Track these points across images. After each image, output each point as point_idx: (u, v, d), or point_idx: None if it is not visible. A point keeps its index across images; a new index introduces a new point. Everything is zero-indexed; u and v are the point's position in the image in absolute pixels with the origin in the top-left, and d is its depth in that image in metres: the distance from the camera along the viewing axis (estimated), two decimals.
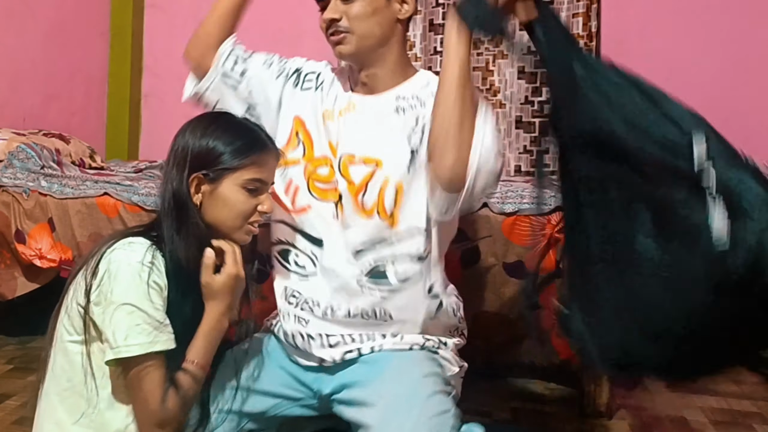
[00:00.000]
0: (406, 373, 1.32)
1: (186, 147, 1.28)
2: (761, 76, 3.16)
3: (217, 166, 1.26)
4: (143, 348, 1.15)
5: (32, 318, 2.39)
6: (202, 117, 1.33)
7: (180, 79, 4.12)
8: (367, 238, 1.35)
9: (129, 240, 1.23)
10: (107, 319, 1.15)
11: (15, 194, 2.29)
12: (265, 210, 1.29)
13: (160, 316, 1.17)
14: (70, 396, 1.20)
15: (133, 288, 1.16)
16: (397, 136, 1.36)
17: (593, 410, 1.96)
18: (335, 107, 1.43)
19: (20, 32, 3.11)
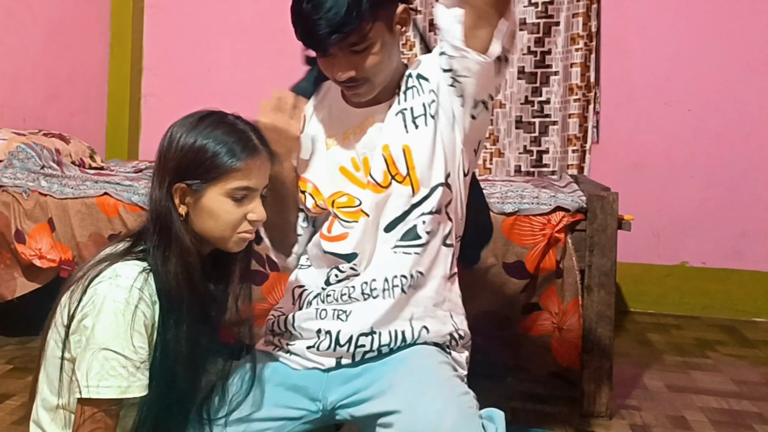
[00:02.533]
0: (422, 361, 1.32)
1: (171, 145, 1.21)
2: (761, 76, 3.16)
3: (203, 173, 1.17)
4: (116, 392, 1.10)
5: (32, 318, 2.40)
6: (191, 116, 1.25)
7: (180, 79, 4.13)
8: (393, 210, 1.34)
9: (116, 271, 1.15)
10: (85, 356, 1.11)
11: (15, 194, 2.29)
12: (255, 218, 1.20)
13: (139, 359, 1.12)
14: (59, 411, 1.17)
15: (115, 332, 1.10)
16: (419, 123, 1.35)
17: (593, 410, 1.96)
18: (346, 127, 1.40)
19: (20, 32, 3.11)
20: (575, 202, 1.96)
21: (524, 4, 3.32)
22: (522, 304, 1.99)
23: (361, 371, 1.34)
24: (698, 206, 3.23)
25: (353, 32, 1.23)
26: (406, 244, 1.35)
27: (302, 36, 1.26)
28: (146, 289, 1.14)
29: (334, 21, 1.21)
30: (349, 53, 1.25)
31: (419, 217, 1.34)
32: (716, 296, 3.20)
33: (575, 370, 1.98)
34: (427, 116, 1.34)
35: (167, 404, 1.17)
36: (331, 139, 1.41)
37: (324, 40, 1.23)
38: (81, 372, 1.11)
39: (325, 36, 1.23)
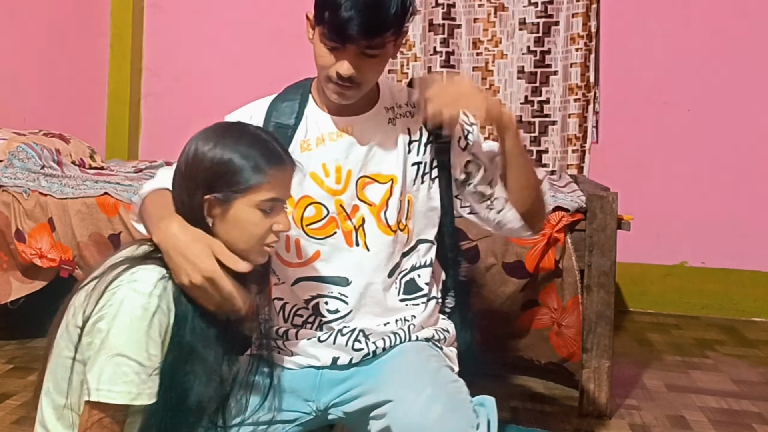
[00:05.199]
0: (412, 355, 1.34)
1: (197, 158, 1.19)
2: (761, 76, 3.16)
3: (231, 186, 1.17)
4: (126, 398, 1.10)
5: (32, 318, 2.40)
6: (214, 127, 1.24)
7: (180, 79, 4.14)
8: (395, 256, 1.37)
9: (134, 276, 1.14)
10: (97, 359, 1.10)
11: (15, 194, 2.29)
12: (281, 229, 1.19)
13: (152, 366, 1.11)
14: (67, 412, 1.16)
15: (130, 338, 1.10)
16: (399, 148, 1.38)
17: (593, 410, 1.96)
18: (321, 133, 1.39)
19: (20, 32, 3.11)
20: (575, 202, 1.97)
21: (524, 4, 3.32)
22: (521, 302, 2.00)
23: (353, 372, 1.35)
24: (698, 206, 3.23)
25: (381, 38, 1.25)
26: (411, 296, 1.40)
27: (330, 22, 1.24)
28: (164, 297, 1.13)
29: (375, 21, 1.23)
30: (361, 54, 1.26)
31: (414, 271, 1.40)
32: (716, 296, 3.20)
33: (574, 363, 1.98)
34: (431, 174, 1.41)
35: (174, 411, 1.16)
36: (305, 143, 1.40)
37: (352, 36, 1.23)
38: (93, 374, 1.10)
39: (357, 34, 1.23)
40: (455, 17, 3.38)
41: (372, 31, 1.23)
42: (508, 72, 3.36)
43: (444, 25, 3.36)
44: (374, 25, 1.23)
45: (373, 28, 1.23)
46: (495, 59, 3.37)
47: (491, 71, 3.37)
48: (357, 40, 1.24)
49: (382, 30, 1.24)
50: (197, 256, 1.14)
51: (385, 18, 1.23)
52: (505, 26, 3.35)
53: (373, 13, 1.22)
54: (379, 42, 1.25)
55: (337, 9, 1.23)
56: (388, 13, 1.23)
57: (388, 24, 1.24)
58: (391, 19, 1.24)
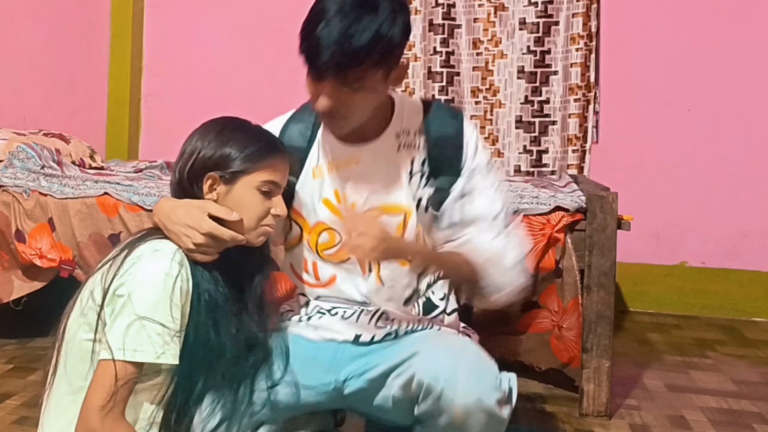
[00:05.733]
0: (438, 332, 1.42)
1: (196, 151, 1.28)
2: (761, 76, 3.16)
3: (235, 167, 1.26)
4: (151, 357, 1.15)
5: (32, 318, 2.40)
6: (212, 122, 1.32)
7: (180, 79, 4.14)
8: (413, 282, 1.40)
9: (154, 246, 1.21)
10: (120, 321, 1.15)
11: (15, 194, 2.29)
12: (278, 213, 1.29)
13: (174, 328, 1.17)
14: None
15: (154, 301, 1.15)
16: (404, 179, 1.38)
17: (593, 410, 1.96)
18: (332, 159, 1.41)
19: (20, 32, 3.11)
20: (575, 202, 1.97)
21: (524, 4, 3.32)
22: (521, 302, 1.99)
23: (374, 349, 1.38)
24: (698, 206, 3.23)
25: (353, 71, 1.22)
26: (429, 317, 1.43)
27: (305, 53, 1.24)
28: (183, 265, 1.21)
29: (340, 55, 1.20)
30: (339, 86, 1.24)
31: (428, 289, 1.42)
32: (716, 296, 3.20)
33: (575, 368, 1.98)
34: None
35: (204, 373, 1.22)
36: (318, 170, 1.42)
37: (322, 68, 1.22)
38: (115, 335, 1.15)
39: (326, 66, 1.21)
40: (455, 17, 3.38)
41: (340, 65, 1.20)
42: (508, 72, 3.35)
43: (444, 25, 3.36)
44: (342, 60, 1.20)
45: (342, 63, 1.20)
46: (495, 59, 3.37)
47: (491, 71, 3.37)
48: (327, 75, 1.22)
49: (352, 64, 1.20)
50: (193, 219, 1.22)
51: (354, 52, 1.19)
52: (505, 26, 3.35)
53: (340, 46, 1.19)
54: (354, 76, 1.22)
55: (308, 41, 1.22)
56: (357, 47, 1.19)
57: (358, 58, 1.20)
58: (360, 52, 1.19)
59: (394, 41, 1.23)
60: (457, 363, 1.25)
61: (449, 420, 1.24)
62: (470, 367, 1.25)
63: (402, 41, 1.26)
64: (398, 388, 1.29)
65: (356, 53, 1.20)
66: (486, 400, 1.22)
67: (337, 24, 1.19)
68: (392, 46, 1.24)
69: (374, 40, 1.20)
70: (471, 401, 1.22)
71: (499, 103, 3.36)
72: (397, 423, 1.42)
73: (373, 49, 1.21)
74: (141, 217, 2.14)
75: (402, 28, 1.24)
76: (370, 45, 1.20)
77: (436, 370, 1.24)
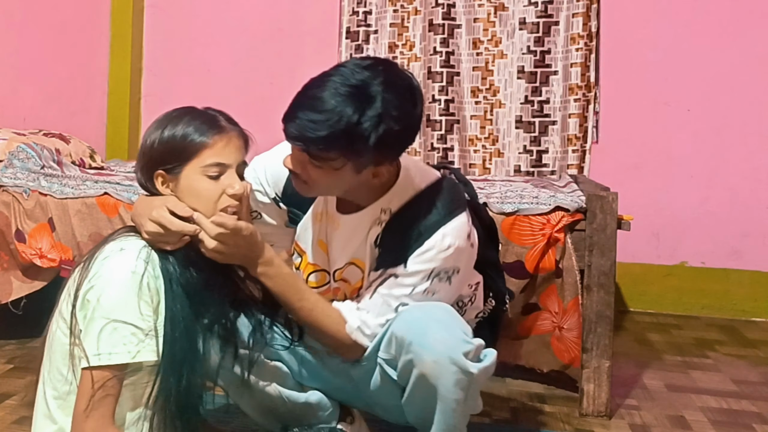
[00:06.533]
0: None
1: (141, 151, 1.29)
2: (761, 76, 3.16)
3: (176, 158, 1.24)
4: (126, 358, 1.14)
5: (32, 318, 2.40)
6: (164, 114, 1.32)
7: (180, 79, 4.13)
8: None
9: (120, 245, 1.21)
10: (93, 326, 1.14)
11: (15, 194, 2.29)
12: (235, 192, 1.25)
13: (147, 327, 1.16)
14: (71, 398, 1.18)
15: (123, 301, 1.15)
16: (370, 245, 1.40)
17: (593, 410, 1.96)
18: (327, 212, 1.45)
19: (20, 32, 3.11)
20: (575, 202, 1.97)
21: (524, 4, 3.32)
22: (522, 304, 1.99)
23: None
24: (698, 206, 3.23)
25: (313, 150, 1.23)
26: None
27: (285, 115, 1.27)
28: (150, 262, 1.20)
29: (306, 133, 1.21)
30: (305, 156, 1.26)
31: None
32: (716, 296, 3.20)
33: (576, 369, 1.98)
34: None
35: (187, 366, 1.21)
36: (319, 215, 1.46)
37: (287, 133, 1.25)
38: (89, 341, 1.14)
39: (293, 137, 1.24)
40: (455, 17, 3.38)
41: (305, 142, 1.22)
42: (508, 72, 3.35)
43: (444, 25, 3.36)
44: (307, 138, 1.21)
45: (302, 139, 1.22)
46: (495, 59, 3.36)
47: (491, 71, 3.37)
48: (290, 139, 1.25)
49: (315, 145, 1.21)
50: (148, 209, 1.25)
51: (314, 137, 1.20)
52: (505, 26, 3.35)
53: (306, 124, 1.20)
54: (314, 154, 1.23)
55: (294, 99, 1.24)
56: (320, 134, 1.19)
57: (316, 142, 1.20)
58: (320, 139, 1.20)
59: (362, 143, 1.21)
60: (427, 317, 1.30)
61: (421, 372, 1.28)
62: (439, 320, 1.30)
63: (375, 148, 1.22)
64: (382, 352, 1.36)
65: (317, 139, 1.20)
66: (454, 350, 1.26)
67: (320, 103, 1.20)
68: (359, 147, 1.21)
69: (341, 134, 1.19)
70: (439, 349, 1.26)
71: (499, 103, 3.36)
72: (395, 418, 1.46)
73: (336, 141, 1.20)
74: None
75: (380, 135, 1.20)
76: (335, 137, 1.20)
77: (408, 324, 1.30)
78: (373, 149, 1.22)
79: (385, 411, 1.50)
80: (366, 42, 3.48)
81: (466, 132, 3.38)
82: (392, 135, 1.22)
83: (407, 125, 1.25)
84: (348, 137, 1.20)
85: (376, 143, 1.21)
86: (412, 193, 1.39)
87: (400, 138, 1.27)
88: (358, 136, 1.20)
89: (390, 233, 1.37)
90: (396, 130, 1.22)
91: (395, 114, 1.21)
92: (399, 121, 1.22)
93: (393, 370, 1.36)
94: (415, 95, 1.26)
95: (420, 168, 1.44)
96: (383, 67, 1.25)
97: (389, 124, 1.21)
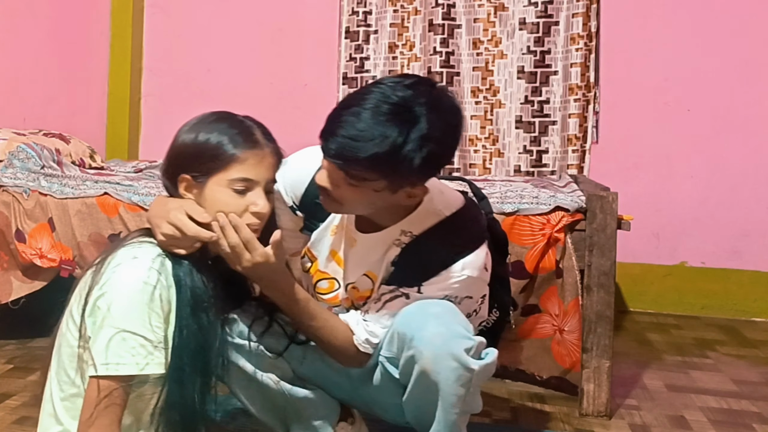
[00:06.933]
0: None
1: (170, 151, 1.27)
2: (761, 76, 3.16)
3: (204, 166, 1.22)
4: (134, 369, 1.13)
5: (32, 319, 2.40)
6: (192, 120, 1.30)
7: (180, 79, 4.14)
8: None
9: (134, 252, 1.19)
10: (102, 334, 1.13)
11: (15, 194, 2.29)
12: (259, 210, 1.23)
13: (157, 339, 1.15)
14: (78, 401, 1.18)
15: (133, 312, 1.13)
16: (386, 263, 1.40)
17: (593, 410, 1.96)
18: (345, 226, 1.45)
19: (20, 32, 3.11)
20: (575, 202, 1.96)
21: (524, 4, 3.32)
22: (522, 305, 1.99)
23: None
24: (698, 206, 3.23)
25: (353, 170, 1.22)
26: None
27: (324, 126, 1.24)
28: (163, 272, 1.18)
29: (347, 153, 1.19)
30: (341, 174, 1.24)
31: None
32: (715, 296, 3.20)
33: (576, 373, 1.97)
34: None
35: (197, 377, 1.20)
36: (335, 228, 1.46)
37: (327, 152, 1.23)
38: (98, 350, 1.13)
39: (330, 153, 1.22)
40: (455, 17, 3.38)
41: (342, 160, 1.20)
42: (508, 72, 3.35)
43: (444, 25, 3.36)
44: (344, 157, 1.20)
45: (343, 159, 1.20)
46: (495, 59, 3.37)
47: (491, 71, 3.37)
48: (330, 160, 1.23)
49: (352, 165, 1.20)
50: (165, 211, 1.23)
51: (359, 157, 1.18)
52: (505, 26, 3.35)
53: (349, 144, 1.18)
54: (352, 174, 1.21)
55: (331, 119, 1.22)
56: (364, 154, 1.17)
57: (361, 163, 1.19)
58: (365, 160, 1.18)
59: (406, 165, 1.19)
60: (428, 313, 1.31)
61: (422, 368, 1.28)
62: (438, 316, 1.30)
63: (419, 169, 1.20)
64: (385, 349, 1.37)
65: (360, 159, 1.18)
66: (454, 345, 1.26)
67: (361, 121, 1.17)
68: (403, 169, 1.20)
69: (385, 155, 1.17)
70: (437, 344, 1.26)
71: (499, 103, 3.36)
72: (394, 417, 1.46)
73: (379, 162, 1.18)
74: (141, 217, 2.14)
75: (424, 156, 1.18)
76: (378, 158, 1.18)
77: (408, 320, 1.31)
78: (411, 171, 1.21)
79: (384, 410, 1.50)
80: (366, 42, 3.48)
81: (466, 132, 3.38)
82: (435, 157, 1.21)
83: (450, 147, 1.24)
84: (391, 159, 1.18)
85: (419, 165, 1.19)
86: (435, 220, 1.38)
87: (442, 159, 1.26)
88: (402, 158, 1.18)
89: (408, 256, 1.37)
90: (439, 152, 1.21)
91: (439, 136, 1.19)
92: (443, 143, 1.21)
93: (394, 368, 1.37)
94: (458, 116, 1.25)
95: (443, 191, 1.42)
96: (426, 87, 1.23)
97: (433, 146, 1.19)
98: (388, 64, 3.46)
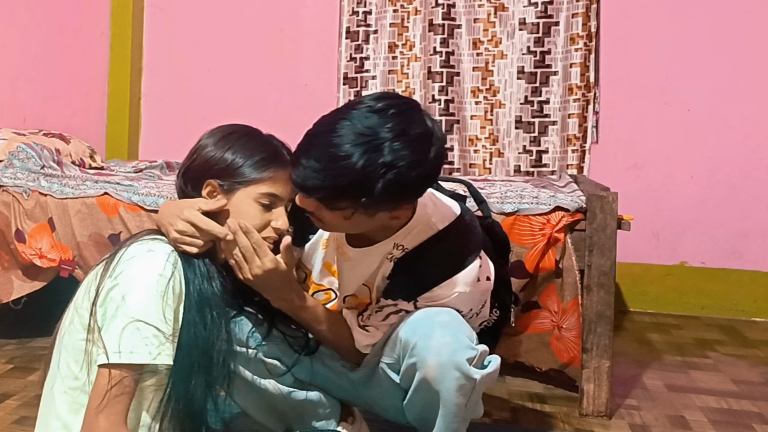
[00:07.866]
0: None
1: (197, 154, 1.29)
2: (761, 76, 3.16)
3: (234, 177, 1.26)
4: (147, 358, 1.14)
5: (32, 318, 2.40)
6: (221, 127, 1.33)
7: (180, 79, 4.14)
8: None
9: (148, 247, 1.21)
10: (115, 324, 1.14)
11: (15, 194, 2.30)
12: (279, 227, 1.27)
13: (168, 331, 1.17)
14: (79, 395, 1.19)
15: (147, 303, 1.15)
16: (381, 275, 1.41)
17: (593, 410, 1.96)
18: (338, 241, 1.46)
19: (20, 32, 3.11)
20: (575, 202, 1.97)
21: (524, 4, 3.32)
22: (521, 302, 1.99)
23: None
24: (698, 206, 3.23)
25: (322, 201, 1.22)
26: None
27: (291, 158, 1.27)
28: (177, 267, 1.20)
29: (307, 183, 1.20)
30: (312, 200, 1.24)
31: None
32: (715, 296, 3.20)
33: (575, 368, 1.98)
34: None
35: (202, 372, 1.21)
36: (324, 241, 1.49)
37: (294, 183, 1.25)
38: (110, 338, 1.14)
39: (296, 184, 1.24)
40: (455, 17, 3.38)
41: (301, 188, 1.22)
42: (508, 72, 3.36)
43: (444, 25, 3.36)
44: (303, 185, 1.21)
45: (303, 188, 1.22)
46: (495, 59, 3.37)
47: (491, 71, 3.37)
48: (294, 185, 1.25)
49: (312, 193, 1.21)
50: (178, 208, 1.25)
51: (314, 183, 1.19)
52: (505, 26, 3.35)
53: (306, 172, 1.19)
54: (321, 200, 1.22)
55: (300, 143, 1.23)
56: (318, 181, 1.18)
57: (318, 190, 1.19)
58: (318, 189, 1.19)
59: (367, 194, 1.18)
60: (433, 321, 1.31)
61: (424, 376, 1.28)
62: (445, 325, 1.30)
63: (385, 198, 1.19)
64: (386, 356, 1.37)
65: (320, 188, 1.19)
66: (458, 356, 1.26)
67: (325, 149, 1.18)
68: (366, 198, 1.19)
69: (346, 185, 1.17)
70: (443, 354, 1.26)
71: (499, 103, 3.36)
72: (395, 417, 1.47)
73: (340, 192, 1.19)
74: (141, 217, 2.14)
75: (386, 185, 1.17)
76: (339, 188, 1.18)
77: (413, 327, 1.31)
78: (381, 198, 1.19)
79: (385, 410, 1.51)
80: (366, 42, 3.48)
81: (466, 132, 3.38)
82: (401, 184, 1.19)
83: (419, 173, 1.21)
84: (352, 188, 1.17)
85: (384, 192, 1.18)
86: (428, 233, 1.37)
87: (411, 185, 1.23)
88: (363, 186, 1.17)
89: (402, 271, 1.37)
90: (405, 179, 1.19)
91: (402, 164, 1.17)
92: (409, 169, 1.18)
93: (395, 373, 1.37)
94: (427, 142, 1.21)
95: (437, 204, 1.41)
96: (395, 111, 1.20)
97: (397, 174, 1.17)
98: (388, 64, 3.46)
